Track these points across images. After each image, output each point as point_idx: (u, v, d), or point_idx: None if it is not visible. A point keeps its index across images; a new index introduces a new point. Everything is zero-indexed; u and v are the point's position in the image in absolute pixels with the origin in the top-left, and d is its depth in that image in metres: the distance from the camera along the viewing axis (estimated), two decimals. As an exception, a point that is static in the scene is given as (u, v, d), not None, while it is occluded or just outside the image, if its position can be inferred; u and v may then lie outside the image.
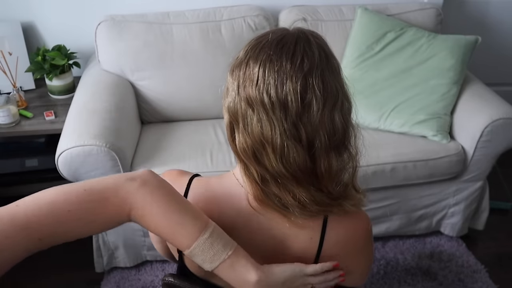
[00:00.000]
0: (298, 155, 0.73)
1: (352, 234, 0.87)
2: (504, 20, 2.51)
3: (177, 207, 0.73)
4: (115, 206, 0.70)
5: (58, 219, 0.68)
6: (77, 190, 0.70)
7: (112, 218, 0.71)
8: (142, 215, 0.72)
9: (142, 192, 0.71)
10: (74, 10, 2.09)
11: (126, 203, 0.71)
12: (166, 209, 0.72)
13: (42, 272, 1.88)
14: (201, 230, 0.73)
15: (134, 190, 0.71)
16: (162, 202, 0.72)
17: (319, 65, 0.72)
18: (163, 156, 1.72)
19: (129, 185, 0.71)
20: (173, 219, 0.72)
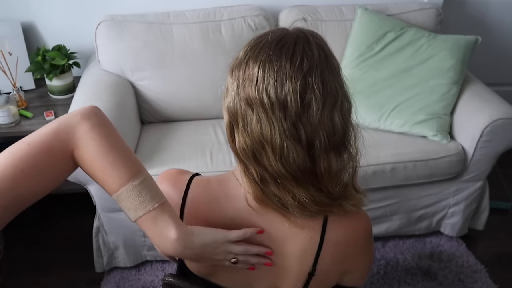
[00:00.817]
0: (298, 155, 0.73)
1: (352, 234, 0.87)
2: (504, 20, 2.51)
3: (113, 148, 0.72)
4: (60, 152, 0.69)
5: (14, 182, 0.66)
6: (21, 148, 0.68)
7: (63, 166, 0.71)
8: (82, 155, 0.71)
9: (82, 128, 0.70)
10: (74, 10, 2.09)
11: (69, 144, 0.70)
12: (103, 148, 0.71)
13: (42, 272, 1.88)
14: (133, 175, 0.72)
15: (75, 125, 0.70)
16: (99, 141, 0.71)
17: (318, 65, 0.72)
18: (163, 156, 1.72)
19: (70, 122, 0.70)
20: (108, 159, 0.71)
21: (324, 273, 0.87)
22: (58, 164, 0.70)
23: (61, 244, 2.00)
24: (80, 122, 0.70)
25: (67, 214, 2.10)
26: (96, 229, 1.78)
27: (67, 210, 2.14)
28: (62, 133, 0.69)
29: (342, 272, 0.91)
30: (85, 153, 0.70)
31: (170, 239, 0.75)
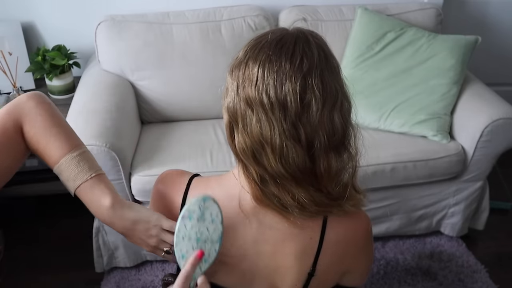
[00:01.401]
0: (297, 156, 0.73)
1: (352, 234, 0.87)
2: (504, 20, 2.51)
3: (57, 124, 0.79)
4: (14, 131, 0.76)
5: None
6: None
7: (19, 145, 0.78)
8: (29, 129, 0.78)
9: (29, 105, 0.78)
10: (74, 10, 2.09)
11: (19, 121, 0.77)
12: (48, 122, 0.78)
13: (42, 272, 1.88)
14: (73, 147, 0.79)
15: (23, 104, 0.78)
16: (45, 116, 0.78)
17: (318, 65, 0.72)
18: (163, 156, 1.72)
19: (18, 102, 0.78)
20: (52, 132, 0.78)
21: (323, 273, 0.87)
22: (15, 143, 0.77)
23: (61, 244, 2.00)
24: (27, 101, 0.79)
25: (67, 214, 2.10)
26: (96, 229, 1.78)
27: (67, 210, 2.13)
28: (12, 113, 0.77)
29: (342, 272, 0.91)
30: (31, 127, 0.78)
31: (104, 206, 0.80)
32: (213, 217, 0.76)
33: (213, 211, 0.76)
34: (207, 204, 0.75)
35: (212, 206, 0.76)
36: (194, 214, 0.75)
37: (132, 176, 1.65)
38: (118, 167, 1.58)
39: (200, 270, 0.76)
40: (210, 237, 0.76)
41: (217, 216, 0.76)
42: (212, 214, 0.76)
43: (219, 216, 0.76)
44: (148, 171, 1.65)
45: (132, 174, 1.66)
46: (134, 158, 1.72)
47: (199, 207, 0.75)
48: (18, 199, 2.09)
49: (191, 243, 0.76)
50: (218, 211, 0.76)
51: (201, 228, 0.76)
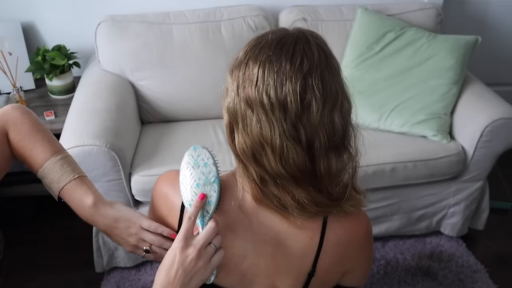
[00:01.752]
0: (298, 156, 0.73)
1: (352, 234, 0.87)
2: (504, 20, 2.51)
3: (40, 131, 0.85)
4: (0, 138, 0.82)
5: None
6: None
7: (4, 149, 0.83)
8: (14, 136, 0.83)
9: (15, 114, 0.84)
10: (74, 10, 2.09)
11: (5, 128, 0.83)
12: (32, 129, 0.84)
13: (42, 272, 1.88)
14: (56, 151, 0.84)
15: (9, 113, 0.84)
16: (29, 124, 0.84)
17: (318, 65, 0.72)
18: (163, 156, 1.72)
19: (4, 112, 0.83)
20: (36, 138, 0.83)
21: (323, 273, 0.87)
22: (1, 150, 0.82)
23: (61, 244, 2.00)
24: (12, 111, 0.85)
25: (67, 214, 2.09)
26: (96, 229, 1.78)
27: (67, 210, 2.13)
28: None
29: (342, 272, 0.91)
30: (17, 134, 0.83)
31: (87, 205, 0.85)
32: (205, 160, 0.81)
33: (204, 155, 0.81)
34: (198, 151, 0.81)
35: (202, 151, 0.82)
36: (189, 164, 0.81)
37: (132, 176, 1.65)
38: (118, 167, 1.58)
39: (208, 213, 0.80)
40: (207, 179, 0.81)
41: (208, 159, 0.81)
42: (203, 158, 0.81)
43: (210, 159, 0.82)
44: (148, 171, 1.65)
45: (132, 174, 1.66)
46: (134, 158, 1.72)
47: (191, 156, 0.81)
48: (18, 199, 2.08)
49: (193, 190, 0.80)
50: (209, 155, 0.82)
51: (198, 174, 0.81)
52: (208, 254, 0.77)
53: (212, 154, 0.82)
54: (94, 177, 1.57)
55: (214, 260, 0.78)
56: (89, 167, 1.54)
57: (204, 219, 0.80)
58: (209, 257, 0.77)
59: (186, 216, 0.77)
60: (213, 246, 0.78)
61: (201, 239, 0.77)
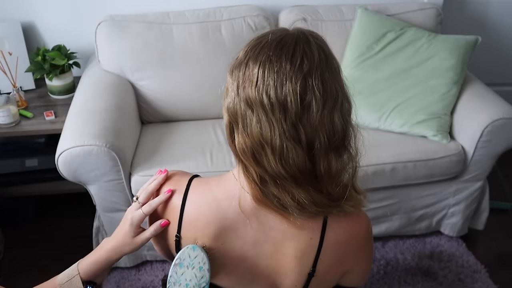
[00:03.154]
0: (298, 156, 0.73)
1: (352, 234, 0.87)
2: (504, 20, 2.51)
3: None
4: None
5: None
6: None
7: None
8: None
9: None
10: (74, 10, 2.09)
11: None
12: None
13: (42, 272, 1.87)
14: None
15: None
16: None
17: (318, 65, 0.72)
18: (163, 156, 1.72)
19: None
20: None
21: (323, 273, 0.87)
22: None
23: (61, 244, 2.00)
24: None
25: (67, 214, 2.10)
26: (96, 229, 1.78)
27: (67, 209, 2.14)
28: None
29: (342, 272, 0.91)
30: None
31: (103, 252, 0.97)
32: (201, 264, 0.82)
33: (201, 259, 0.82)
34: (196, 252, 0.81)
35: (200, 254, 0.82)
36: (184, 262, 0.81)
37: (132, 176, 1.65)
38: (118, 167, 1.58)
39: None
40: (198, 283, 0.82)
41: (204, 264, 0.82)
42: (200, 262, 0.82)
43: (206, 264, 0.82)
44: (148, 171, 1.65)
45: (132, 174, 1.66)
46: (134, 158, 1.72)
47: (188, 255, 0.81)
48: (19, 199, 2.08)
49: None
50: (206, 259, 0.82)
51: (190, 275, 0.82)
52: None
53: (209, 259, 0.82)
54: (94, 177, 1.58)
55: None
56: (89, 167, 1.54)
57: None
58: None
59: None
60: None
61: None
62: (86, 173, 1.56)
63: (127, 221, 0.89)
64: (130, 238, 0.89)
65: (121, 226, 0.91)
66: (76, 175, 1.57)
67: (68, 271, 0.90)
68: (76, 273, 0.88)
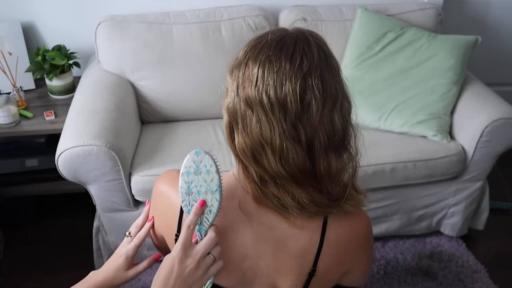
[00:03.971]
0: (297, 156, 0.73)
1: (353, 234, 0.87)
2: (504, 20, 2.51)
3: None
4: None
5: None
6: None
7: None
8: None
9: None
10: (74, 10, 2.09)
11: None
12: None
13: (42, 272, 1.88)
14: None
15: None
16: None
17: (318, 65, 0.72)
18: (163, 156, 1.72)
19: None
20: None
21: (324, 273, 0.87)
22: None
23: (61, 244, 2.00)
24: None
25: (67, 214, 2.10)
26: (96, 229, 1.78)
27: (67, 209, 2.14)
28: None
29: (342, 272, 0.91)
30: None
31: None
32: (208, 167, 0.79)
33: (207, 162, 0.78)
34: (200, 157, 0.78)
35: (205, 157, 0.78)
36: (190, 169, 0.79)
37: (132, 176, 1.65)
38: (118, 167, 1.58)
39: (208, 221, 0.79)
40: (209, 187, 0.79)
41: (211, 166, 0.78)
42: (206, 165, 0.78)
43: (213, 166, 0.78)
44: (148, 171, 1.65)
45: (132, 174, 1.66)
46: (134, 158, 1.72)
47: (193, 161, 0.79)
48: (19, 199, 2.08)
49: (193, 197, 0.79)
50: (212, 161, 0.78)
51: (199, 181, 0.79)
52: (207, 265, 0.78)
53: (215, 160, 0.79)
54: (94, 177, 1.58)
55: (212, 270, 0.79)
56: (89, 167, 1.54)
57: (203, 227, 0.79)
58: (207, 268, 0.78)
59: (185, 225, 0.77)
60: (211, 256, 0.78)
61: (200, 250, 0.77)
62: (86, 173, 1.56)
63: (122, 255, 0.91)
64: (123, 272, 0.91)
65: (113, 260, 0.92)
66: (76, 175, 1.57)
67: None
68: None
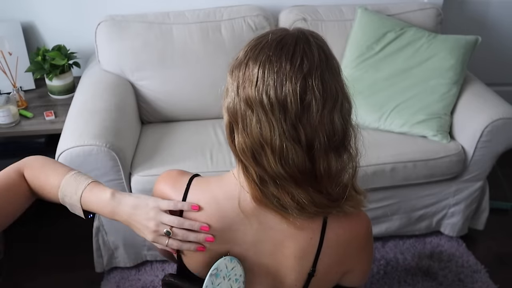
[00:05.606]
0: (297, 156, 0.73)
1: (352, 234, 0.87)
2: (504, 20, 2.51)
3: (50, 161, 0.94)
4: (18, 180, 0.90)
5: None
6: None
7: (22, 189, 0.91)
8: (30, 171, 0.91)
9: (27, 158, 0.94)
10: (74, 10, 2.09)
11: (21, 170, 0.91)
12: (44, 163, 0.93)
13: (42, 272, 1.88)
14: (67, 171, 0.90)
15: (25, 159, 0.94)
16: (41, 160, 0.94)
17: (318, 66, 0.72)
18: (163, 156, 1.72)
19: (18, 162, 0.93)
20: (50, 167, 0.92)
21: (323, 273, 0.87)
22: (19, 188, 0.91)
23: (61, 244, 2.00)
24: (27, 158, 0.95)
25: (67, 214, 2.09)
26: (96, 229, 1.78)
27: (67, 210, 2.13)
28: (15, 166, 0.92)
29: (342, 272, 0.91)
30: (31, 169, 0.91)
31: (106, 199, 0.86)
32: (237, 276, 0.83)
33: (237, 271, 0.83)
34: (233, 264, 0.82)
35: (237, 266, 0.83)
36: (221, 273, 0.82)
37: (132, 176, 1.65)
38: (118, 167, 1.58)
39: None
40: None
41: (241, 276, 0.83)
42: (236, 274, 0.83)
43: (242, 276, 0.83)
44: (148, 171, 1.65)
45: (132, 174, 1.66)
46: (134, 158, 1.72)
47: (225, 266, 0.82)
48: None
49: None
50: (242, 272, 0.83)
51: (227, 285, 0.82)
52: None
53: (244, 272, 0.84)
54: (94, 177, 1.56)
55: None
56: (89, 167, 1.54)
57: None
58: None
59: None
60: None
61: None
62: (86, 173, 1.55)
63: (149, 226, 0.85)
64: None
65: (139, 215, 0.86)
66: (76, 175, 1.56)
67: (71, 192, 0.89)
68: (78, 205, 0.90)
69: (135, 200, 0.85)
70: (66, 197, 0.89)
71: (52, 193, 0.90)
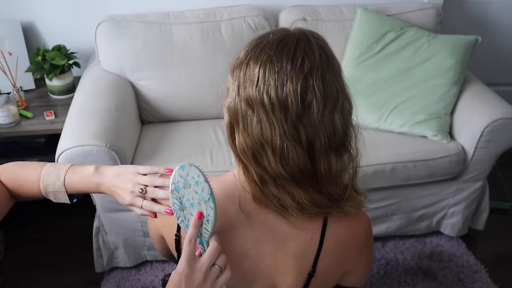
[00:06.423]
0: (298, 157, 0.73)
1: (352, 235, 0.87)
2: (504, 20, 2.51)
3: (25, 163, 0.95)
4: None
5: None
6: None
7: (1, 195, 0.92)
8: (6, 176, 0.92)
9: (2, 165, 0.95)
10: (74, 10, 2.09)
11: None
12: (18, 164, 0.95)
13: (42, 272, 1.88)
14: (44, 164, 0.92)
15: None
16: (14, 164, 0.95)
17: (319, 66, 0.72)
18: (163, 156, 1.72)
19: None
20: (26, 166, 0.93)
21: (324, 273, 0.87)
22: None
23: (61, 244, 2.00)
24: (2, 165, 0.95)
25: (67, 214, 2.10)
26: (96, 229, 1.78)
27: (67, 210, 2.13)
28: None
29: (342, 272, 0.91)
30: (7, 172, 0.93)
31: (90, 174, 0.89)
32: (196, 179, 0.78)
33: (194, 174, 0.78)
34: (186, 170, 0.78)
35: (190, 169, 0.78)
36: (179, 184, 0.78)
37: (132, 176, 1.65)
38: (118, 167, 1.58)
39: (207, 231, 0.79)
40: (202, 197, 0.78)
41: (199, 176, 0.78)
42: (194, 177, 0.78)
43: (201, 176, 0.78)
44: (148, 171, 1.65)
45: (132, 174, 1.66)
46: (134, 158, 1.72)
47: (180, 176, 0.78)
48: (18, 199, 2.08)
49: (188, 211, 0.79)
50: (198, 172, 0.78)
51: (190, 193, 0.78)
52: (214, 276, 0.77)
53: (202, 170, 0.78)
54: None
55: (220, 281, 0.78)
56: (89, 167, 1.54)
57: (204, 238, 0.79)
58: (215, 278, 0.78)
59: (186, 240, 0.76)
60: (217, 267, 0.78)
61: (205, 262, 0.77)
62: (86, 173, 1.56)
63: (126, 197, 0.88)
64: None
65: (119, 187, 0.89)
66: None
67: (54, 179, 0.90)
68: (63, 190, 0.91)
69: (117, 169, 0.90)
70: (48, 187, 0.90)
71: (33, 187, 0.92)
